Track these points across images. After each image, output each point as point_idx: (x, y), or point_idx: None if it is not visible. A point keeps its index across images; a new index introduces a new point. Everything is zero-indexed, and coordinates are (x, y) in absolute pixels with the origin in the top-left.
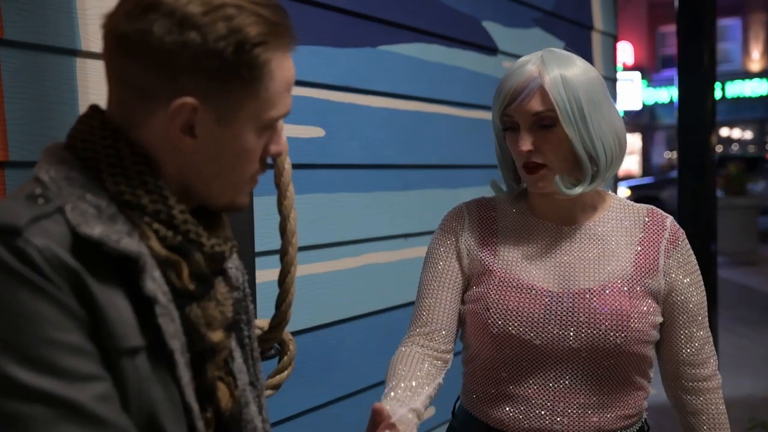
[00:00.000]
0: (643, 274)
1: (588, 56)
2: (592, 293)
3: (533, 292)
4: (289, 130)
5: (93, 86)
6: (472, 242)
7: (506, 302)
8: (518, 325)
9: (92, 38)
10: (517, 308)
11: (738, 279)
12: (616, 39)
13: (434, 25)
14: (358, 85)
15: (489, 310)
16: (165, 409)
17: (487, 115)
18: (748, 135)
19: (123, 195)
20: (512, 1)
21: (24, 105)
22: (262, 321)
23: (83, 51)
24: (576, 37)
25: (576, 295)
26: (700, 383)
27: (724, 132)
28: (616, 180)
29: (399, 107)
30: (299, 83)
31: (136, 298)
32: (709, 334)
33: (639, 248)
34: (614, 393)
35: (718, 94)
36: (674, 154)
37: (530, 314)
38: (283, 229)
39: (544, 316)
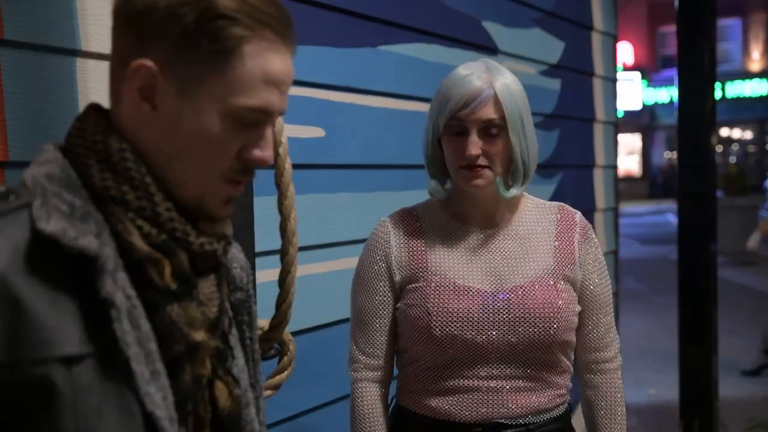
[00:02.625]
0: (563, 266)
1: (588, 56)
2: (524, 289)
3: (470, 292)
4: (289, 130)
5: (93, 86)
6: (401, 254)
7: (446, 305)
8: (460, 325)
9: (92, 38)
10: (457, 310)
11: (738, 279)
12: (616, 39)
13: (434, 25)
14: (358, 85)
15: (431, 315)
16: (112, 419)
17: None
18: (748, 135)
19: (109, 190)
20: (512, 1)
21: (24, 105)
22: (263, 321)
23: (83, 51)
24: (576, 37)
25: (509, 293)
26: (602, 364)
27: (724, 132)
28: (616, 178)
29: (399, 107)
30: (299, 83)
31: (98, 301)
32: (613, 319)
33: (557, 243)
34: (548, 376)
35: (718, 94)
36: (674, 154)
37: (470, 314)
38: (284, 229)
39: (483, 315)
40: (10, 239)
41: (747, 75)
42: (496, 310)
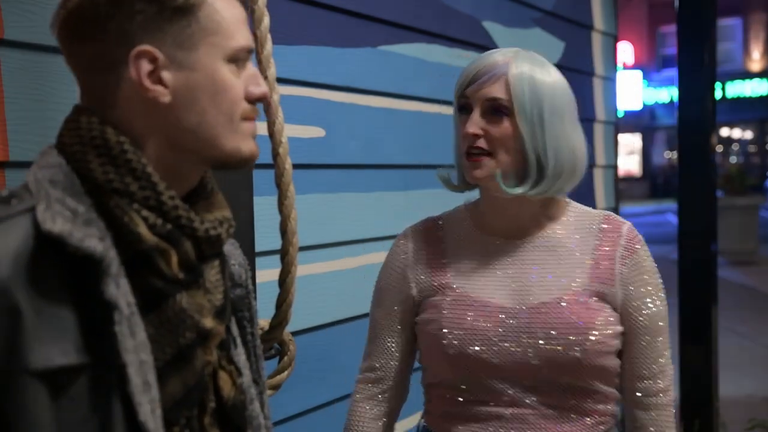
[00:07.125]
0: (599, 283)
1: (588, 56)
2: (548, 307)
3: (488, 309)
4: (289, 130)
5: None
6: (420, 268)
7: (461, 321)
8: (475, 344)
9: None
10: (473, 327)
11: (738, 279)
12: (616, 39)
13: (434, 25)
14: (358, 85)
15: (443, 330)
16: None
17: None
18: (748, 135)
19: (112, 183)
20: (512, 1)
21: (24, 105)
22: (263, 321)
23: None
24: (576, 37)
25: (532, 310)
26: (650, 398)
27: (724, 132)
28: (616, 178)
29: (399, 107)
30: (299, 83)
31: (99, 307)
32: (666, 346)
33: (594, 256)
34: (582, 403)
35: (718, 94)
36: (674, 154)
37: (486, 332)
38: (284, 229)
39: (501, 333)
40: (13, 245)
41: (747, 75)
42: (516, 329)
